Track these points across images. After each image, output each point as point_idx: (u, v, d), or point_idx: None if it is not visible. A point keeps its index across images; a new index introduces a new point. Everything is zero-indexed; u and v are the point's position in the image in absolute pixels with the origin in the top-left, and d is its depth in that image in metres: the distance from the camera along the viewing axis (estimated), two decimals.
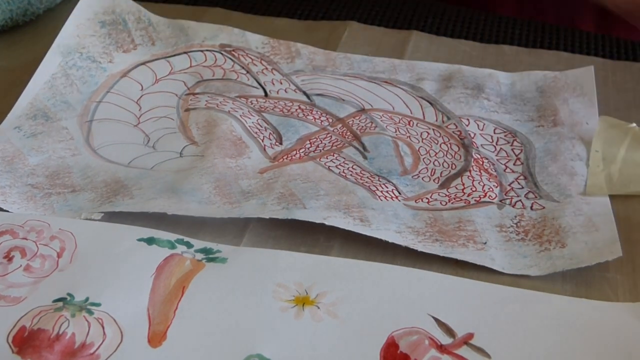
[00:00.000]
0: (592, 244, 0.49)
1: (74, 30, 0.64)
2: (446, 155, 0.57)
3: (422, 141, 0.58)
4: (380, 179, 0.54)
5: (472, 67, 0.66)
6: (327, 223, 0.49)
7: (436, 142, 0.58)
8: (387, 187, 0.53)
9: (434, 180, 0.54)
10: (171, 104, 0.60)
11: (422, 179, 0.54)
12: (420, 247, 0.48)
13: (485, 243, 0.49)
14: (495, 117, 0.60)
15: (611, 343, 0.44)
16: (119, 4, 0.67)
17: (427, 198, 0.53)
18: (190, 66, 0.64)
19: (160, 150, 0.56)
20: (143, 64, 0.64)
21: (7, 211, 0.50)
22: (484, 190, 0.53)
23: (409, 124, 0.59)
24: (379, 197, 0.52)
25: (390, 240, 0.48)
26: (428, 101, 0.62)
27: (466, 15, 0.75)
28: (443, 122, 0.60)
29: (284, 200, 0.51)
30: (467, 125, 0.59)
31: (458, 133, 0.59)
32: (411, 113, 0.61)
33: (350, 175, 0.54)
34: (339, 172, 0.54)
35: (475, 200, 0.53)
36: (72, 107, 0.59)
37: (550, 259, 0.49)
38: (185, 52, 0.65)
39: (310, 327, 0.44)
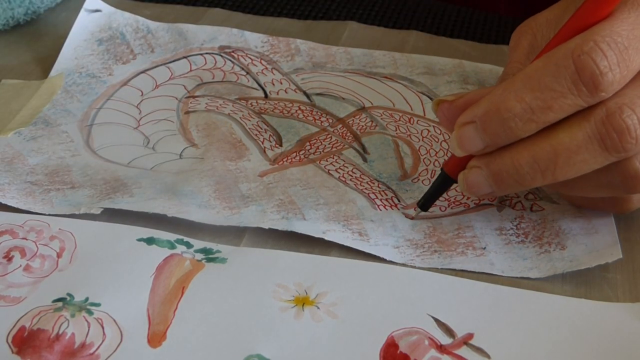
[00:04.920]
0: (592, 246, 0.49)
1: (72, 53, 0.64)
2: (446, 155, 0.57)
3: (422, 139, 0.58)
4: (380, 185, 0.54)
5: (473, 62, 0.66)
6: (326, 238, 0.49)
7: (436, 140, 0.58)
8: (387, 195, 0.53)
9: None
10: (171, 107, 0.60)
11: (422, 182, 0.54)
12: (418, 263, 0.48)
13: (484, 248, 0.49)
14: None
15: (611, 343, 0.44)
16: (115, 19, 0.67)
17: None
18: (190, 70, 0.64)
19: (160, 151, 0.56)
20: (143, 72, 0.64)
21: (6, 206, 0.50)
22: None
23: (409, 122, 0.59)
24: (378, 206, 0.52)
25: (388, 258, 0.48)
26: (428, 96, 0.62)
27: (466, 15, 0.75)
28: None
29: (284, 208, 0.51)
30: None
31: None
32: (411, 109, 0.61)
33: (350, 180, 0.54)
34: (339, 177, 0.54)
35: (474, 203, 0.52)
36: (72, 114, 0.59)
37: (551, 261, 0.49)
38: (184, 57, 0.65)
39: (310, 327, 0.44)
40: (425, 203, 0.51)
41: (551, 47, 0.46)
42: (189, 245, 0.49)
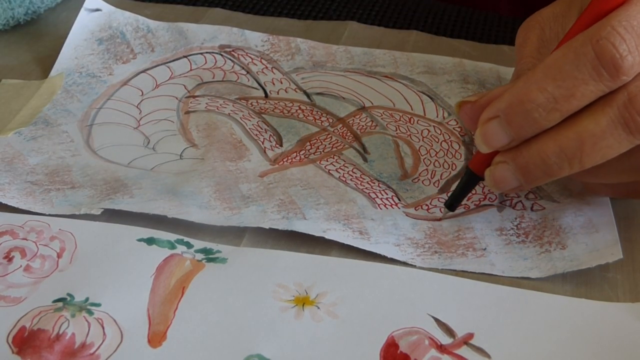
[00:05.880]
0: (592, 246, 0.49)
1: (72, 53, 0.64)
2: (446, 155, 0.57)
3: (422, 140, 0.58)
4: (380, 185, 0.54)
5: (473, 61, 0.66)
6: (326, 237, 0.49)
7: (437, 140, 0.58)
8: (387, 194, 0.53)
9: (434, 184, 0.54)
10: (171, 107, 0.60)
11: (422, 182, 0.54)
12: (418, 262, 0.48)
13: (484, 249, 0.49)
14: None
15: (611, 343, 0.44)
16: (116, 18, 0.67)
17: (426, 205, 0.53)
18: (191, 69, 0.64)
19: (160, 152, 0.56)
20: (143, 71, 0.64)
21: (7, 206, 0.50)
22: (484, 193, 0.53)
23: (410, 122, 0.59)
24: (379, 205, 0.52)
25: (389, 256, 0.48)
26: (429, 96, 0.62)
27: (466, 15, 0.75)
28: (444, 118, 0.60)
29: (284, 208, 0.51)
30: None
31: (459, 129, 0.59)
32: (412, 109, 0.61)
33: (351, 180, 0.54)
34: (339, 177, 0.54)
35: (474, 204, 0.52)
36: (73, 113, 0.59)
37: (551, 261, 0.49)
38: (184, 56, 0.65)
39: (310, 327, 0.44)
40: (452, 203, 0.51)
41: (568, 38, 0.46)
42: (189, 245, 0.49)
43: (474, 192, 0.53)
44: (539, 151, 0.46)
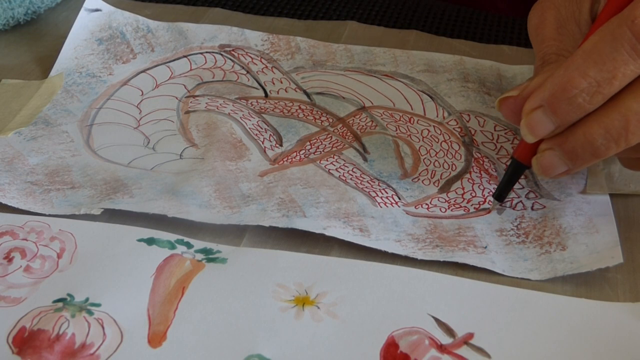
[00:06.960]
0: (592, 247, 0.49)
1: (72, 53, 0.64)
2: (446, 155, 0.57)
3: (422, 140, 0.58)
4: (380, 184, 0.54)
5: (473, 59, 0.66)
6: (327, 234, 0.49)
7: (437, 140, 0.58)
8: (387, 193, 0.53)
9: (434, 184, 0.54)
10: (171, 107, 0.60)
11: (422, 181, 0.54)
12: (420, 255, 0.48)
13: (485, 247, 0.49)
14: (496, 113, 0.60)
15: (611, 343, 0.44)
16: (115, 18, 0.67)
17: (426, 204, 0.53)
18: (191, 69, 0.64)
19: (160, 151, 0.56)
20: (143, 71, 0.64)
21: (7, 206, 0.50)
22: (484, 195, 0.53)
23: (410, 121, 0.59)
24: (379, 203, 0.52)
25: (390, 251, 0.48)
26: (429, 95, 0.62)
27: (466, 15, 0.75)
28: (444, 118, 0.60)
29: (284, 206, 0.51)
30: (467, 121, 0.59)
31: (459, 130, 0.59)
32: (412, 108, 0.61)
33: (351, 179, 0.54)
34: (339, 176, 0.54)
35: (474, 208, 0.52)
36: (73, 113, 0.59)
37: (551, 263, 0.48)
38: (184, 56, 0.65)
39: (310, 327, 0.44)
40: (501, 194, 0.52)
41: (600, 23, 0.47)
42: (189, 245, 0.49)
43: (473, 194, 0.53)
44: (584, 134, 0.46)
